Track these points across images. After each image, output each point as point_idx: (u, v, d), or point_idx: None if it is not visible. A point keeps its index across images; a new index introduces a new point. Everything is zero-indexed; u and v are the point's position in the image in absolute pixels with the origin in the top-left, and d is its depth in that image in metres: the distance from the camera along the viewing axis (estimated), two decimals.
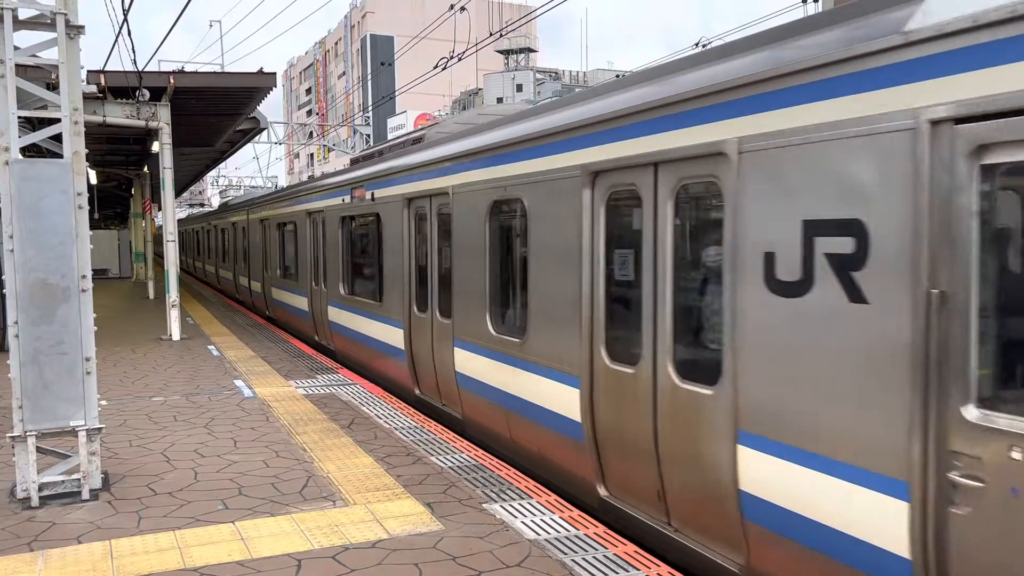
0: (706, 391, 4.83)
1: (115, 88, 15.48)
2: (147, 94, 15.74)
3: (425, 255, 9.50)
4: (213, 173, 60.37)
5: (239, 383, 11.22)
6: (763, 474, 4.40)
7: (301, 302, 15.72)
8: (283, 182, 79.41)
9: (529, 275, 6.87)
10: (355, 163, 13.50)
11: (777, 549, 4.39)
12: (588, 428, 6.12)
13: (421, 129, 10.91)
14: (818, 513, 4.08)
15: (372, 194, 11.17)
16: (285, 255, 17.44)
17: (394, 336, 10.35)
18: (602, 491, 6.09)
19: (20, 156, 6.19)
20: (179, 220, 44.38)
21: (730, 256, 4.60)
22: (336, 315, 13.18)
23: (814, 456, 4.07)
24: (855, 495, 3.84)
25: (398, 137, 12.24)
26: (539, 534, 5.48)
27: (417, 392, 9.85)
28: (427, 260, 9.40)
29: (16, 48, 6.26)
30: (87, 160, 6.62)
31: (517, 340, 7.07)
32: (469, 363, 8.09)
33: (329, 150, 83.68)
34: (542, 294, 6.65)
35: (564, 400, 6.38)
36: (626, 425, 5.66)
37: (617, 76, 7.19)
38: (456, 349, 8.36)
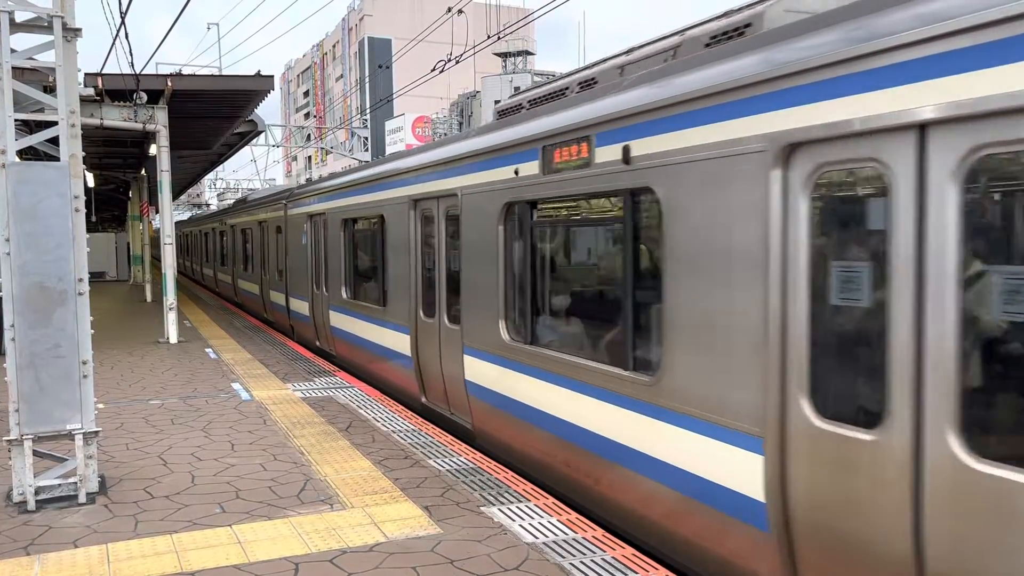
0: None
1: (112, 91, 15.48)
2: (144, 97, 15.74)
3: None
4: (211, 176, 60.50)
5: (236, 386, 11.21)
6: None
7: (396, 341, 10.44)
8: (281, 184, 79.28)
9: None
10: (507, 113, 8.19)
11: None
12: None
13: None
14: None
15: (626, 148, 5.54)
16: (358, 267, 12.50)
17: (670, 454, 5.20)
18: None
19: (17, 159, 6.19)
20: (183, 220, 44.38)
21: None
22: (492, 378, 7.75)
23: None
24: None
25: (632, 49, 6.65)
26: (537, 537, 5.47)
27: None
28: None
29: (13, 51, 6.26)
30: (84, 163, 6.61)
31: None
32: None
33: (327, 153, 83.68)
34: None
35: None
36: None
37: None
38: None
